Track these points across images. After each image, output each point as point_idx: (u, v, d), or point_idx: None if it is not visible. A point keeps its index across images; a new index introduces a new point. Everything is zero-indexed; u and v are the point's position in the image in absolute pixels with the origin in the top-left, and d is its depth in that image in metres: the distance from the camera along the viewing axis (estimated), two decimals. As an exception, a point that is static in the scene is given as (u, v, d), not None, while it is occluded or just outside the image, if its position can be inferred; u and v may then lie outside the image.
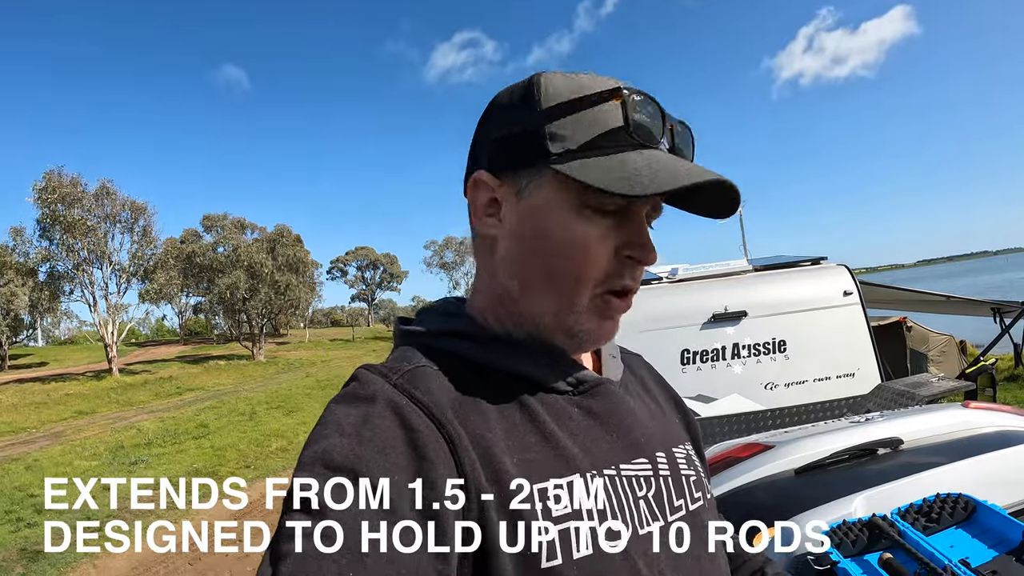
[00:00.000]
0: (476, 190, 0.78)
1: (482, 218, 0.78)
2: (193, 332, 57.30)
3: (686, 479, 0.83)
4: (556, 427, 0.73)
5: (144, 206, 27.43)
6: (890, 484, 2.07)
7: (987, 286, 67.60)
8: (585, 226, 0.72)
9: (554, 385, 0.76)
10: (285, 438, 12.80)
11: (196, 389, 22.40)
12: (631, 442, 0.78)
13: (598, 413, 0.78)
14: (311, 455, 0.63)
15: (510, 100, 0.76)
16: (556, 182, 0.71)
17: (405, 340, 0.81)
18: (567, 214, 0.72)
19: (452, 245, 56.28)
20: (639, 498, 0.75)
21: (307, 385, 22.02)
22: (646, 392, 0.93)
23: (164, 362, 31.13)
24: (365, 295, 79.20)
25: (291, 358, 33.92)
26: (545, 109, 0.71)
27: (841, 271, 5.77)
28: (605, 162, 0.69)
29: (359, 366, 0.75)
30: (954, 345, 11.18)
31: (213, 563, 6.24)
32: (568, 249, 0.72)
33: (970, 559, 1.46)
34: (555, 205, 0.72)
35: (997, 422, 2.73)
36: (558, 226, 0.72)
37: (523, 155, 0.73)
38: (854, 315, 5.63)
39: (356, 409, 0.66)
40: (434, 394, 0.69)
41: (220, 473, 9.89)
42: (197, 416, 15.92)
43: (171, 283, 29.09)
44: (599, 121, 0.70)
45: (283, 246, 35.34)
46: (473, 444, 0.67)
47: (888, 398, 4.87)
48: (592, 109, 0.70)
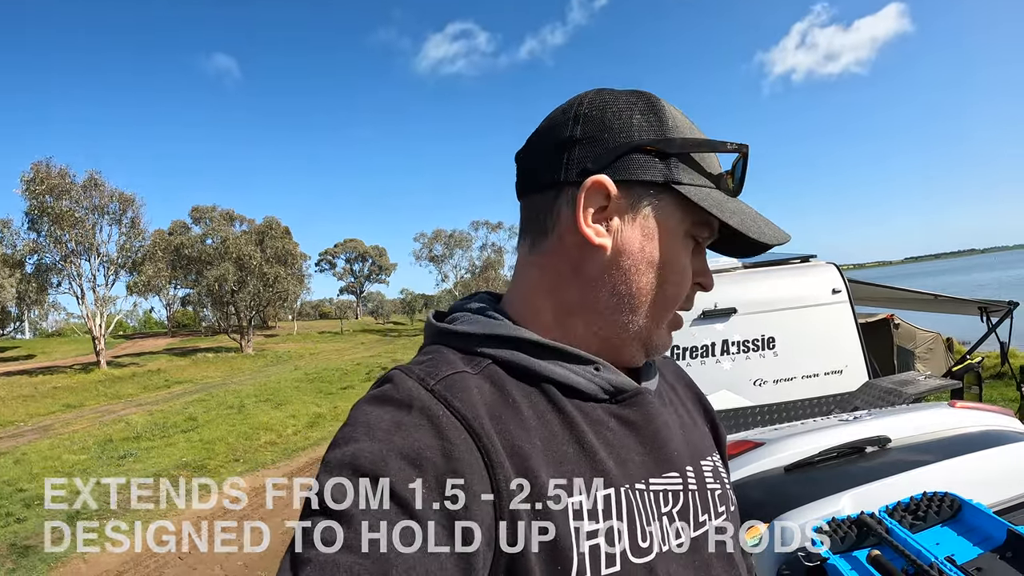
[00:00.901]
0: (591, 194, 0.74)
1: (588, 223, 0.74)
2: (181, 324, 56.93)
3: (711, 493, 0.82)
4: (593, 437, 0.72)
5: (132, 197, 27.25)
6: (878, 482, 2.11)
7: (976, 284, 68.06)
8: (685, 253, 0.77)
9: (592, 393, 0.75)
10: (274, 431, 12.75)
11: (184, 382, 22.30)
12: (664, 456, 0.78)
13: (634, 423, 0.77)
14: (339, 457, 0.62)
15: (625, 112, 0.75)
16: (677, 207, 0.75)
17: (440, 340, 0.79)
18: (677, 239, 0.76)
19: (441, 238, 55.95)
20: (663, 513, 0.74)
21: (296, 378, 21.94)
22: (679, 401, 0.93)
23: (152, 355, 30.95)
24: (353, 287, 79.03)
25: (279, 351, 33.77)
26: (682, 139, 0.74)
27: (830, 269, 5.81)
28: (731, 204, 0.76)
29: (394, 367, 0.74)
30: (941, 342, 11.26)
31: (203, 557, 6.23)
32: (674, 272, 0.76)
33: (956, 556, 1.50)
34: (670, 229, 0.75)
35: (982, 421, 2.78)
36: (669, 249, 0.75)
37: (653, 173, 0.73)
38: (842, 313, 5.68)
39: (388, 413, 0.65)
40: (472, 403, 0.67)
41: (209, 467, 9.86)
42: (185, 409, 15.84)
43: (159, 275, 28.89)
44: (715, 163, 0.77)
45: (272, 238, 35.07)
46: (510, 456, 0.66)
47: (876, 395, 4.91)
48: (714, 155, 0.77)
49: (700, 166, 0.75)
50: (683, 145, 0.74)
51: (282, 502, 7.89)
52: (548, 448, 0.69)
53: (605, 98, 0.76)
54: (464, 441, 0.64)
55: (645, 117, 0.74)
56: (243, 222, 37.35)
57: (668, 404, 0.87)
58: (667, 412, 0.84)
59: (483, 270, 55.47)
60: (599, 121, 0.75)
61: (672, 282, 0.76)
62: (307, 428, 13.18)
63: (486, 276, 54.30)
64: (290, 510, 7.48)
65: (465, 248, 56.81)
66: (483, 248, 57.89)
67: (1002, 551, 1.51)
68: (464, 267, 57.10)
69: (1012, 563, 1.45)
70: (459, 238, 56.35)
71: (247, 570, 5.85)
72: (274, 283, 33.98)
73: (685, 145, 0.74)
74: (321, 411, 15.09)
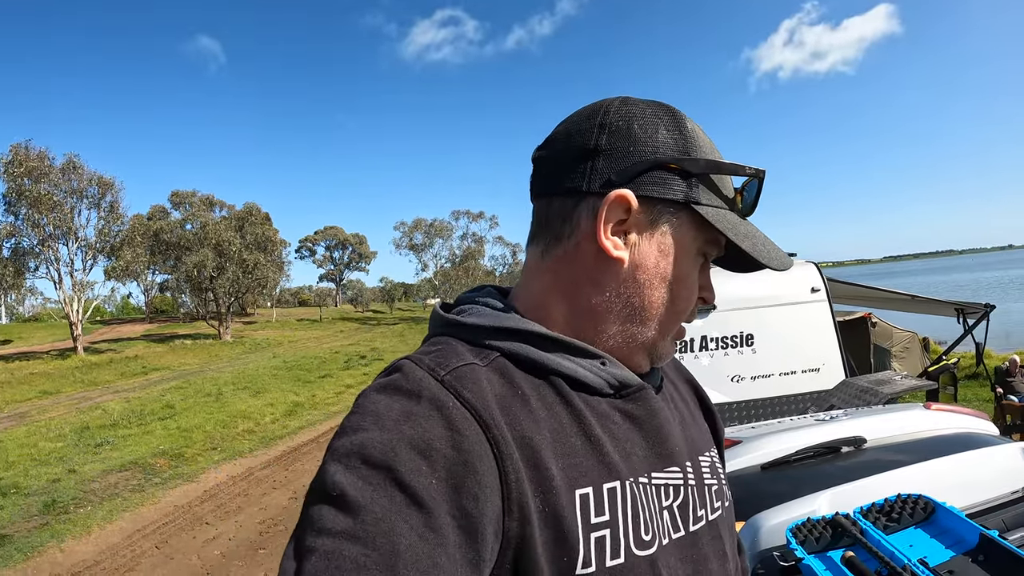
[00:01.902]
0: (613, 207, 0.74)
1: (608, 236, 0.75)
2: (159, 310, 56.38)
3: (709, 488, 0.84)
4: (600, 431, 0.73)
5: (111, 181, 26.88)
6: (853, 483, 2.13)
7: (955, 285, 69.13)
8: (694, 269, 0.79)
9: (598, 387, 0.76)
10: (252, 419, 12.67)
11: (162, 369, 22.11)
12: (666, 451, 0.79)
13: (638, 418, 0.78)
14: (347, 445, 0.61)
15: (656, 127, 0.75)
16: (692, 226, 0.77)
17: (448, 331, 0.79)
18: (690, 256, 0.78)
19: (422, 227, 55.72)
20: (664, 507, 0.76)
21: (274, 366, 21.81)
22: (679, 397, 0.94)
23: (130, 341, 30.62)
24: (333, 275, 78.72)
25: (258, 338, 33.54)
26: (706, 160, 0.75)
27: (809, 268, 5.87)
28: (743, 228, 0.79)
29: (403, 357, 0.73)
30: (917, 342, 11.42)
31: (180, 546, 6.19)
32: (685, 288, 0.78)
33: (928, 558, 1.52)
34: (684, 246, 0.77)
35: (956, 424, 2.83)
36: (682, 266, 0.77)
37: (674, 192, 0.74)
38: (821, 311, 5.74)
39: (398, 403, 0.64)
40: (482, 395, 0.67)
41: (187, 455, 9.79)
42: (163, 396, 15.70)
43: (138, 260, 28.50)
44: (728, 184, 0.80)
45: (252, 224, 34.73)
46: (519, 448, 0.66)
47: (852, 394, 4.96)
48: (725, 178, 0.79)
49: (717, 187, 0.77)
50: (706, 167, 0.75)
51: (259, 491, 7.88)
52: (556, 440, 0.70)
53: (632, 110, 0.76)
54: (474, 432, 0.64)
55: (671, 134, 0.75)
56: (223, 208, 36.98)
57: (670, 400, 0.88)
58: (669, 407, 0.85)
59: (463, 259, 55.39)
60: (625, 133, 0.75)
61: (683, 297, 0.78)
62: (285, 416, 13.13)
63: (466, 266, 54.27)
64: (268, 499, 7.48)
65: (445, 237, 56.69)
66: (463, 237, 57.85)
67: (974, 554, 1.53)
68: (444, 256, 56.98)
69: (984, 566, 1.48)
70: (440, 227, 56.20)
71: (224, 560, 5.82)
72: (253, 270, 33.68)
73: (708, 167, 0.75)
74: (299, 399, 15.03)
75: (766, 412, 5.37)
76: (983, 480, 2.12)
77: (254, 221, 35.12)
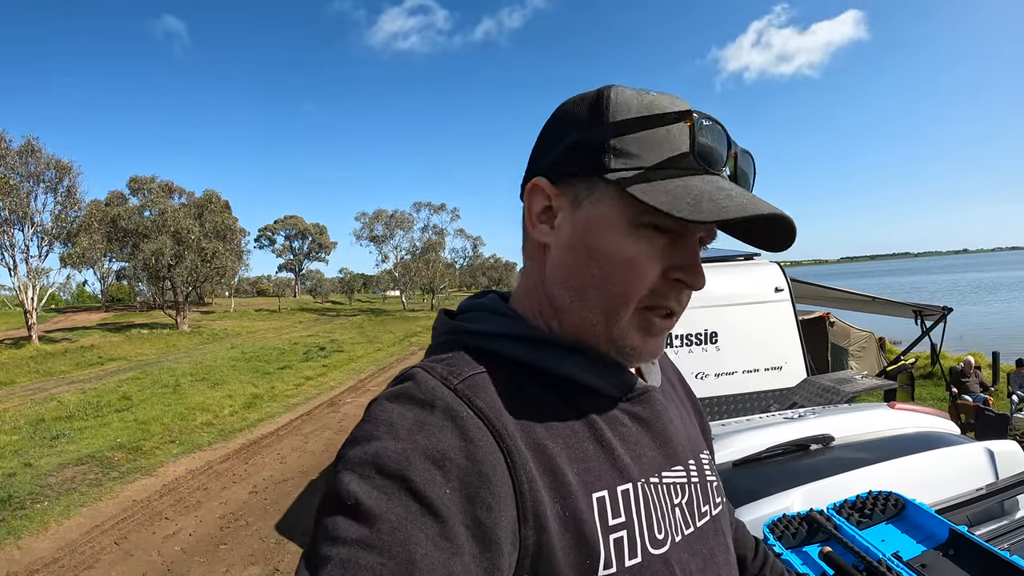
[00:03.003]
0: (533, 196, 0.77)
1: (536, 224, 0.77)
2: (115, 299, 55.13)
3: (710, 484, 0.86)
4: (611, 435, 0.74)
5: (69, 165, 26.11)
6: (824, 480, 2.19)
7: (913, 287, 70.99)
8: (637, 244, 0.71)
9: (606, 391, 0.76)
10: (210, 412, 12.48)
11: (118, 359, 21.63)
12: (672, 450, 0.80)
13: (645, 420, 0.79)
14: (361, 455, 0.60)
15: (576, 109, 0.74)
16: (615, 198, 0.70)
17: (454, 338, 0.79)
18: (621, 231, 0.71)
19: (383, 218, 55.48)
20: (675, 505, 0.77)
21: (232, 357, 21.49)
22: (677, 397, 0.95)
23: (85, 330, 29.90)
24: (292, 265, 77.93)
25: (216, 328, 33.03)
26: (612, 123, 0.70)
27: (773, 267, 5.98)
28: (669, 184, 0.68)
29: (414, 365, 0.73)
30: (874, 341, 11.69)
31: (140, 542, 6.08)
32: (618, 266, 0.71)
33: (901, 553, 1.57)
34: (611, 220, 0.71)
35: (919, 423, 2.91)
36: (611, 242, 0.71)
37: (584, 166, 0.72)
38: (784, 311, 5.85)
39: (411, 412, 0.64)
40: (495, 403, 0.67)
41: (145, 448, 9.61)
42: (119, 387, 15.36)
43: (94, 247, 27.79)
44: (665, 142, 0.70)
45: (211, 212, 34.03)
46: (533, 455, 0.66)
47: (814, 392, 5.06)
48: (659, 129, 0.70)
49: (647, 149, 0.70)
50: (614, 130, 0.70)
51: (219, 485, 7.78)
52: (569, 446, 0.70)
53: (566, 102, 0.77)
54: (487, 442, 0.64)
55: (589, 108, 0.73)
56: (182, 195, 36.23)
57: (670, 400, 0.89)
58: (671, 408, 0.87)
59: (424, 251, 55.32)
60: (550, 124, 0.77)
61: (617, 276, 0.71)
62: (244, 409, 12.95)
63: (427, 258, 54.13)
64: (228, 493, 7.39)
65: (406, 229, 56.65)
66: (424, 229, 57.85)
67: (944, 548, 1.59)
68: (405, 248, 56.92)
69: (955, 560, 1.53)
70: (401, 219, 56.11)
71: (185, 556, 5.74)
72: (212, 258, 33.00)
73: (617, 130, 0.70)
74: (258, 391, 14.84)
75: (730, 409, 5.45)
76: (948, 478, 2.20)
77: (214, 209, 34.44)
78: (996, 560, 1.45)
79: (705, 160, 0.70)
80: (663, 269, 0.72)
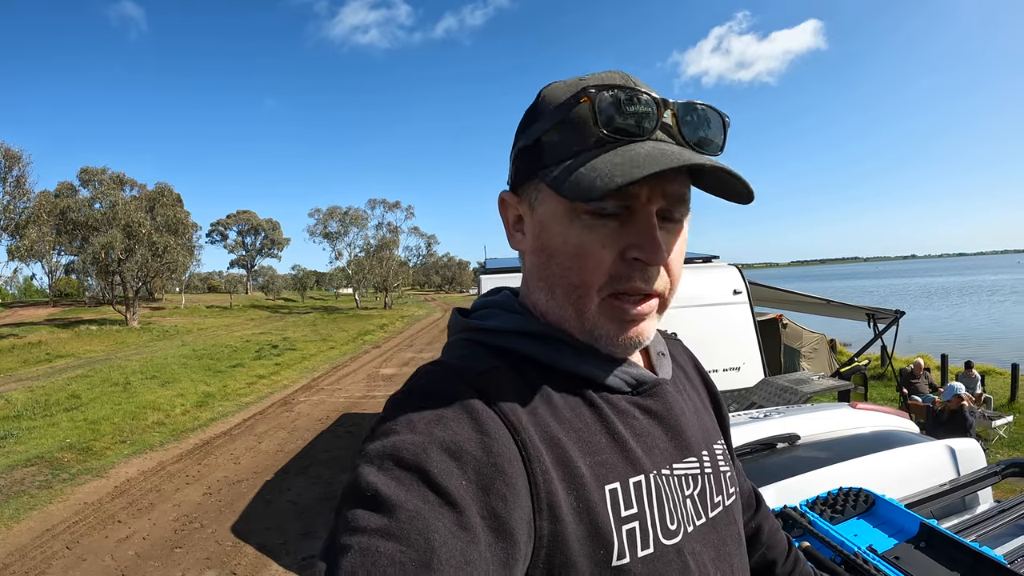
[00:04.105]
0: (502, 209, 0.81)
1: (512, 234, 0.81)
2: (63, 293, 53.62)
3: (723, 475, 0.86)
4: (622, 427, 0.75)
5: (19, 154, 25.48)
6: (795, 478, 2.23)
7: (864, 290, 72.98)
8: (582, 233, 0.70)
9: (616, 386, 0.78)
10: (162, 411, 12.19)
11: (67, 356, 21.03)
12: (683, 442, 0.81)
13: (656, 412, 0.80)
14: (379, 448, 0.61)
15: (524, 116, 0.77)
16: (551, 192, 0.72)
17: (469, 335, 0.81)
18: (564, 222, 0.72)
19: (337, 215, 55.02)
20: (687, 496, 0.78)
21: (183, 354, 21.03)
22: (691, 386, 0.95)
23: (32, 325, 29.00)
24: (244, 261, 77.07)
25: (166, 325, 32.30)
26: (539, 122, 0.73)
27: (732, 270, 6.09)
28: (575, 165, 0.68)
29: (431, 362, 0.74)
30: (825, 343, 11.97)
31: (93, 546, 5.92)
32: (567, 257, 0.72)
33: (875, 546, 1.61)
34: (554, 215, 0.73)
35: (881, 423, 2.99)
36: (558, 235, 0.72)
37: (528, 169, 0.75)
38: (742, 313, 5.96)
39: (428, 406, 0.65)
40: (510, 398, 0.69)
41: (95, 449, 9.36)
42: (68, 385, 14.93)
43: (43, 240, 27.10)
44: (578, 125, 0.70)
45: (163, 206, 33.34)
46: (548, 448, 0.67)
47: (772, 392, 5.15)
48: (571, 115, 0.70)
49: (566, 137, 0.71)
50: (542, 127, 0.73)
51: (172, 486, 7.62)
52: (582, 439, 0.71)
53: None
54: (503, 436, 0.65)
55: (527, 112, 0.77)
56: (134, 187, 35.26)
57: (683, 391, 0.90)
58: (683, 399, 0.87)
59: (378, 249, 54.97)
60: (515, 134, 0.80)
61: (571, 268, 0.72)
62: (196, 408, 12.69)
63: (380, 256, 53.79)
64: (181, 495, 7.25)
65: (361, 226, 56.31)
66: (379, 227, 57.59)
67: (916, 541, 1.64)
68: (359, 245, 56.57)
69: (926, 552, 1.58)
70: (355, 216, 55.79)
71: (139, 559, 5.60)
72: (163, 253, 32.29)
73: (542, 126, 0.73)
74: (210, 390, 14.54)
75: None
76: (913, 474, 2.26)
77: (165, 202, 33.71)
78: (967, 551, 1.49)
79: (621, 132, 0.68)
80: (620, 251, 0.70)
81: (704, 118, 0.73)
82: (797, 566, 1.09)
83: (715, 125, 0.74)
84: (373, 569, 0.52)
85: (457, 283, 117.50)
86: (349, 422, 10.91)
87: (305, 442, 9.55)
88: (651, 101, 0.69)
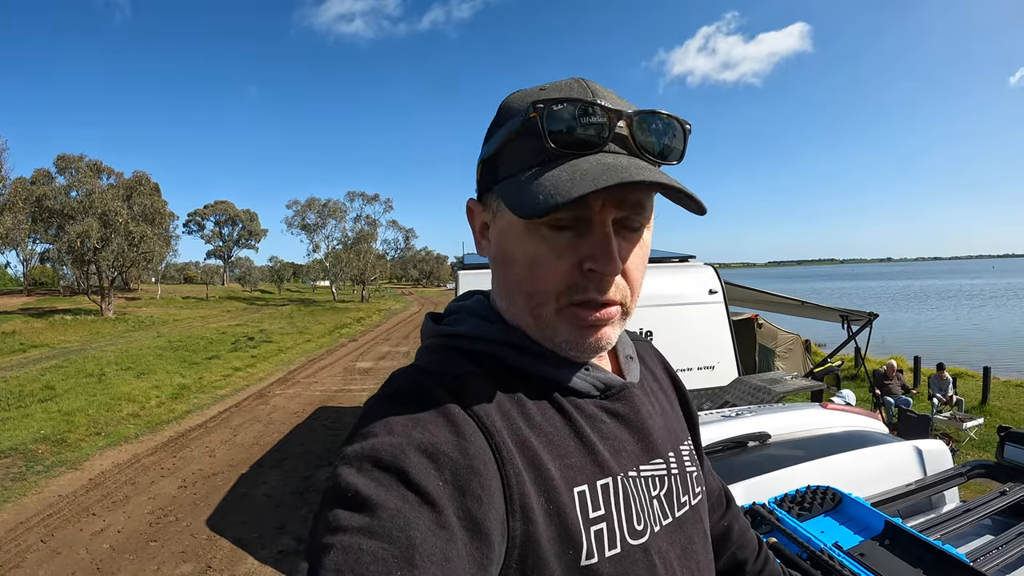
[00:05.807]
0: (471, 216, 0.83)
1: (480, 241, 0.82)
2: (38, 283, 52.96)
3: (689, 475, 0.89)
4: (590, 431, 0.77)
5: (-5, 141, 25.12)
6: (764, 476, 2.28)
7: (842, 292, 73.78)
8: (539, 244, 0.71)
9: (585, 390, 0.79)
10: (137, 403, 12.07)
11: (41, 346, 20.73)
12: (650, 444, 0.83)
13: (623, 416, 0.82)
14: (358, 451, 0.63)
15: (489, 125, 0.79)
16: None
17: (443, 340, 0.83)
18: (520, 233, 0.73)
19: (315, 206, 54.51)
20: (653, 497, 0.80)
21: (159, 345, 20.85)
22: (659, 388, 0.97)
23: (6, 315, 28.58)
24: (221, 252, 76.34)
25: (142, 315, 31.99)
26: (497, 134, 0.75)
27: (707, 270, 6.15)
28: (525, 181, 0.68)
29: (408, 366, 0.77)
30: (800, 343, 12.09)
31: (67, 539, 5.87)
32: (526, 267, 0.73)
33: (840, 543, 1.66)
34: (512, 226, 0.74)
35: (851, 423, 3.05)
36: (517, 246, 0.73)
37: (488, 180, 0.77)
38: (717, 312, 6.03)
39: (405, 410, 0.67)
40: (484, 402, 0.71)
41: (70, 441, 9.27)
42: (43, 376, 14.73)
43: (18, 227, 26.73)
44: (528, 140, 0.70)
45: (140, 195, 33.00)
46: (520, 451, 0.70)
47: (746, 391, 5.21)
48: (523, 129, 0.70)
49: (519, 150, 0.72)
50: (493, 144, 0.75)
51: (147, 479, 7.57)
52: (552, 442, 0.73)
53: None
54: (478, 438, 0.67)
55: (491, 123, 0.78)
56: (111, 175, 34.82)
57: (650, 394, 0.92)
58: (650, 402, 0.89)
59: (356, 242, 54.57)
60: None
61: (530, 275, 0.73)
62: (171, 400, 12.58)
63: (358, 248, 53.46)
64: (156, 488, 7.20)
65: (339, 218, 55.85)
66: (357, 219, 57.13)
67: (880, 539, 1.69)
68: (337, 238, 56.08)
69: (890, 549, 1.63)
70: (333, 208, 55.29)
71: (114, 553, 5.56)
72: (140, 243, 31.96)
73: (495, 142, 0.74)
74: (186, 382, 14.41)
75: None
76: (880, 474, 2.31)
77: (143, 191, 33.31)
78: (929, 549, 1.54)
79: (570, 145, 0.68)
80: (576, 262, 0.71)
81: (662, 127, 0.72)
82: (767, 566, 1.12)
83: (673, 133, 0.73)
84: (357, 566, 0.53)
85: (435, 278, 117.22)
86: (325, 416, 10.87)
87: (281, 435, 9.50)
88: (602, 113, 0.69)
